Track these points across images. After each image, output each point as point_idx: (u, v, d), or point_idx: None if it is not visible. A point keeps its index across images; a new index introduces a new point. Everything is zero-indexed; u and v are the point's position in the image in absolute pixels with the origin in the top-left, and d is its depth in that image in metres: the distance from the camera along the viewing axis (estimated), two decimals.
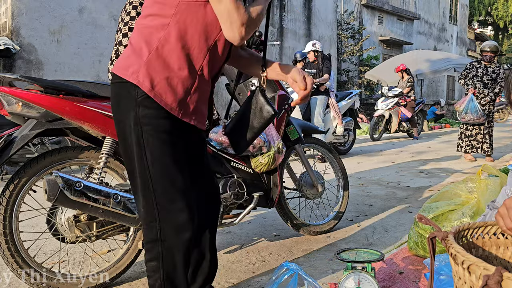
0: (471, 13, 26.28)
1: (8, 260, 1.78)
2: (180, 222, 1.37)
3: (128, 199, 1.85)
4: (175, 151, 1.35)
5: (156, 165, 1.33)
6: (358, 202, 3.66)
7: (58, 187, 1.70)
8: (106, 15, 8.56)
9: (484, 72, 5.89)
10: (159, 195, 1.34)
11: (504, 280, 0.75)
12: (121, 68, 1.33)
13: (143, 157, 1.32)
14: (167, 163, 1.34)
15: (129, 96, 1.30)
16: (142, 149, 1.32)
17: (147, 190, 1.35)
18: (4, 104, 1.78)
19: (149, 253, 1.40)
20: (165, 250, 1.37)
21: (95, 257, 2.31)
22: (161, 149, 1.32)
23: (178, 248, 1.38)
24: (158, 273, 1.38)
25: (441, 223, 2.16)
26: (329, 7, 14.02)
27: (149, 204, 1.36)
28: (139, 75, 1.28)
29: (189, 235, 1.38)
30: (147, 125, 1.30)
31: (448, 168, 5.48)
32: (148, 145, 1.31)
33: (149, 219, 1.37)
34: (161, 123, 1.31)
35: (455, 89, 21.19)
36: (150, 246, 1.39)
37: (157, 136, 1.31)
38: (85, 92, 1.85)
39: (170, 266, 1.38)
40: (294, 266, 1.57)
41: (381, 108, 9.41)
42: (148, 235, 1.39)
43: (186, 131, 1.37)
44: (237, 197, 2.24)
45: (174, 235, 1.37)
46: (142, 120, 1.29)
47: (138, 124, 1.30)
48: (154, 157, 1.32)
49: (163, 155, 1.33)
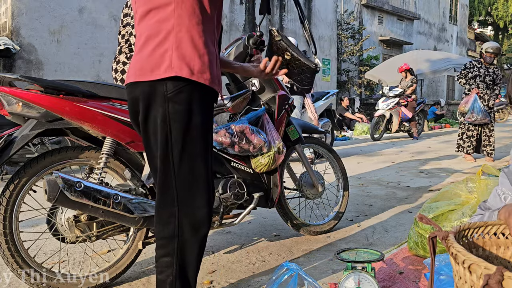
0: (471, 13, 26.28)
1: (8, 260, 1.78)
2: (199, 218, 1.39)
3: (128, 200, 1.85)
4: (205, 145, 1.38)
5: (184, 162, 1.34)
6: (358, 202, 3.66)
7: (58, 188, 1.70)
8: (106, 15, 8.55)
9: (486, 73, 5.87)
10: (182, 191, 1.36)
11: (505, 279, 0.75)
12: (148, 71, 1.32)
13: (169, 154, 1.33)
14: (196, 159, 1.36)
15: (157, 94, 1.30)
16: (168, 146, 1.33)
17: (168, 187, 1.36)
18: (4, 104, 1.78)
19: (162, 249, 1.40)
20: (181, 246, 1.38)
21: (95, 257, 2.31)
22: (190, 146, 1.34)
23: (194, 245, 1.40)
24: (171, 269, 1.38)
25: (441, 223, 2.16)
26: (329, 7, 14.02)
27: (168, 200, 1.37)
28: (174, 67, 1.28)
29: (205, 231, 1.41)
30: (176, 121, 1.31)
31: (448, 168, 5.48)
32: (177, 141, 1.32)
33: (167, 215, 1.38)
34: (193, 117, 1.33)
35: (455, 89, 21.18)
36: (164, 242, 1.39)
37: (187, 132, 1.33)
38: (85, 92, 1.84)
39: (184, 262, 1.39)
40: (294, 266, 1.57)
41: (382, 108, 9.42)
42: (163, 231, 1.39)
43: (211, 112, 1.42)
44: (237, 197, 2.24)
45: (191, 232, 1.38)
46: (171, 116, 1.31)
47: (166, 121, 1.31)
48: (182, 154, 1.34)
49: (193, 152, 1.35)
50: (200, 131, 1.36)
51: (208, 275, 2.13)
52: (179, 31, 1.29)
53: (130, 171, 1.99)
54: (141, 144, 1.92)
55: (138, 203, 1.87)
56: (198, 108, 1.34)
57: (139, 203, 1.87)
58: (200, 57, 1.31)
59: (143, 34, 1.36)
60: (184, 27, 1.29)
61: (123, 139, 1.88)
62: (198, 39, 1.31)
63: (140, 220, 1.87)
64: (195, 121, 1.34)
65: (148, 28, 1.34)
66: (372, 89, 15.57)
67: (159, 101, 1.30)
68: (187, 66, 1.29)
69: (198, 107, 1.34)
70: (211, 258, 2.37)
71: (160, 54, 1.30)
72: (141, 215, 1.85)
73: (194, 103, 1.33)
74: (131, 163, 2.02)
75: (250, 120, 2.41)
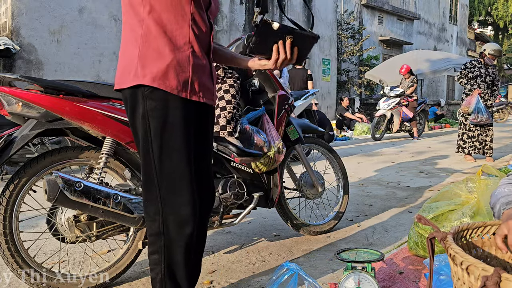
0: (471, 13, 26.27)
1: (8, 260, 1.78)
2: (183, 217, 1.38)
3: (128, 199, 1.85)
4: (185, 142, 1.36)
5: (164, 159, 1.34)
6: (358, 202, 3.66)
7: (58, 187, 1.70)
8: (106, 15, 8.56)
9: (486, 73, 5.87)
10: (164, 188, 1.36)
11: (502, 281, 0.75)
12: (121, 80, 1.37)
13: (150, 150, 1.34)
14: (176, 156, 1.35)
15: (136, 95, 1.33)
16: (148, 143, 1.33)
17: (151, 184, 1.36)
18: (4, 104, 1.78)
19: (152, 246, 1.41)
20: (167, 244, 1.38)
21: (95, 257, 2.31)
22: (169, 142, 1.33)
23: (180, 243, 1.39)
24: (160, 266, 1.39)
25: (441, 223, 2.16)
26: (329, 7, 14.02)
27: (152, 197, 1.37)
28: (138, 75, 1.30)
29: (190, 230, 1.39)
30: (154, 118, 1.32)
31: (448, 168, 5.48)
32: (156, 138, 1.33)
33: (152, 211, 1.38)
34: (169, 114, 1.32)
35: (455, 89, 21.18)
36: (153, 239, 1.40)
37: (165, 128, 1.32)
38: (85, 92, 1.84)
39: (171, 260, 1.39)
40: (294, 266, 1.57)
41: (383, 108, 9.42)
42: (151, 228, 1.40)
43: (194, 113, 1.39)
44: (237, 197, 2.24)
45: (176, 229, 1.38)
46: (149, 113, 1.31)
47: (145, 118, 1.32)
48: (161, 151, 1.33)
49: (172, 149, 1.34)
50: (179, 128, 1.34)
51: (208, 275, 2.13)
52: (145, 41, 1.32)
53: (130, 171, 1.99)
54: None
55: (138, 203, 1.87)
56: (175, 104, 1.33)
57: (139, 203, 1.87)
58: (165, 64, 1.31)
59: (122, 45, 1.40)
60: (153, 35, 1.31)
61: (123, 139, 1.88)
62: (164, 48, 1.32)
63: (140, 220, 1.87)
64: (173, 117, 1.33)
65: (124, 38, 1.38)
66: (372, 89, 15.57)
67: (140, 99, 1.33)
68: (150, 74, 1.30)
69: (175, 103, 1.33)
70: (211, 258, 2.37)
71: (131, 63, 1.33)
72: (140, 215, 1.85)
73: (171, 100, 1.33)
74: (131, 163, 2.02)
75: (250, 120, 2.42)
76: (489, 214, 2.02)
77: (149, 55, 1.31)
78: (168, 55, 1.31)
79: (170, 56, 1.31)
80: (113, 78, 2.90)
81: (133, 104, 1.35)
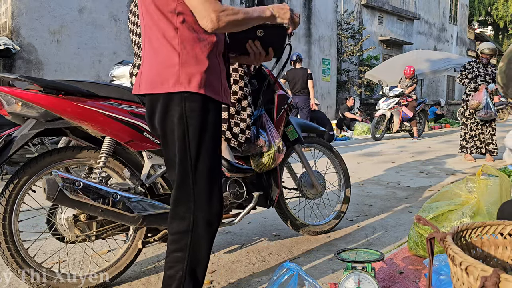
0: (471, 13, 26.27)
1: (8, 260, 1.78)
2: (213, 213, 1.44)
3: (128, 199, 1.85)
4: (218, 142, 1.45)
5: (201, 158, 1.40)
6: (358, 202, 3.66)
7: (57, 186, 1.70)
8: (106, 15, 8.56)
9: (485, 72, 5.89)
10: (198, 186, 1.41)
11: (501, 281, 0.75)
12: (155, 85, 1.40)
13: (187, 150, 1.39)
14: (212, 155, 1.43)
15: (173, 98, 1.38)
16: (186, 143, 1.39)
17: (186, 183, 1.41)
18: (4, 104, 1.78)
19: (175, 244, 1.43)
20: (194, 241, 1.42)
21: (95, 257, 2.31)
22: (206, 143, 1.40)
23: (205, 240, 1.44)
24: (182, 264, 1.41)
25: (441, 223, 2.16)
26: (329, 7, 14.02)
27: (185, 195, 1.42)
28: (182, 82, 1.36)
29: (216, 226, 1.47)
30: (193, 119, 1.37)
31: (448, 168, 5.48)
32: (194, 138, 1.39)
33: (183, 210, 1.42)
34: (207, 116, 1.40)
35: (455, 89, 21.18)
36: (177, 237, 1.42)
37: (203, 129, 1.39)
38: (84, 92, 1.84)
39: (195, 257, 1.42)
40: (294, 266, 1.57)
41: (382, 108, 9.42)
42: (178, 226, 1.42)
43: (221, 115, 1.49)
44: (236, 196, 2.24)
45: (205, 227, 1.43)
46: (188, 115, 1.37)
47: (183, 119, 1.37)
48: (199, 150, 1.40)
49: (208, 148, 1.41)
50: (214, 128, 1.43)
51: (208, 275, 2.13)
52: (183, 48, 1.37)
53: (129, 170, 1.99)
54: (140, 143, 1.92)
55: (138, 202, 1.87)
56: (212, 107, 1.41)
57: (138, 202, 1.87)
58: (204, 70, 1.38)
59: (149, 43, 1.43)
60: (191, 42, 1.37)
61: (122, 139, 1.88)
62: (201, 54, 1.38)
63: (140, 219, 1.87)
64: (210, 119, 1.41)
65: (151, 40, 1.42)
66: (372, 89, 15.56)
67: (176, 101, 1.37)
68: (195, 81, 1.37)
69: (212, 106, 1.41)
70: (211, 258, 2.37)
71: (169, 68, 1.37)
72: (140, 214, 1.85)
73: (209, 103, 1.40)
74: (130, 163, 2.02)
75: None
76: (489, 214, 2.02)
77: (190, 61, 1.37)
78: (205, 61, 1.39)
79: (206, 62, 1.39)
80: None
81: (168, 107, 1.39)
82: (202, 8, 1.31)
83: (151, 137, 1.92)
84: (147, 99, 1.47)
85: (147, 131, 1.90)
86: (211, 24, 1.31)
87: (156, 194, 2.04)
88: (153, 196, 2.02)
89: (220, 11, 1.31)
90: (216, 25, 1.32)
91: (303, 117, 7.75)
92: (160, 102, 1.41)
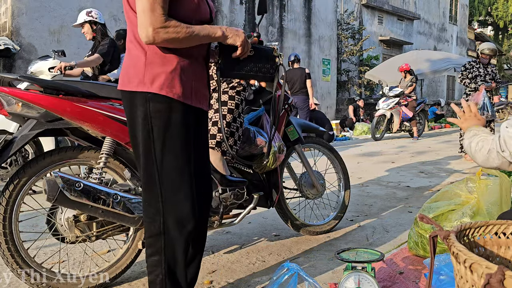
0: (471, 13, 26.27)
1: (8, 260, 1.78)
2: (183, 214, 1.41)
3: (128, 199, 1.85)
4: (185, 143, 1.41)
5: (166, 157, 1.38)
6: (358, 202, 3.66)
7: (57, 187, 1.70)
8: (106, 15, 8.53)
9: (485, 72, 5.90)
10: (165, 187, 1.39)
11: (506, 278, 0.75)
12: (123, 81, 1.41)
13: (152, 150, 1.37)
14: (177, 154, 1.39)
15: (137, 97, 1.36)
16: (150, 142, 1.37)
17: (152, 184, 1.39)
18: (4, 104, 1.78)
19: (150, 247, 1.42)
20: (167, 243, 1.40)
21: (95, 257, 2.31)
22: (170, 141, 1.38)
23: (180, 241, 1.41)
24: (160, 268, 1.40)
25: (441, 223, 2.15)
26: (329, 7, 14.02)
27: (153, 197, 1.40)
28: (145, 83, 1.34)
29: (191, 227, 1.42)
30: (157, 119, 1.36)
31: (448, 168, 5.48)
32: (158, 138, 1.37)
33: (153, 212, 1.41)
34: (171, 116, 1.37)
35: (455, 89, 21.18)
36: (152, 240, 1.41)
37: (167, 129, 1.37)
38: (84, 92, 1.84)
39: (172, 260, 1.41)
40: (294, 266, 1.57)
41: (382, 108, 9.41)
42: (150, 229, 1.41)
43: (194, 118, 1.44)
44: (237, 197, 2.24)
45: (176, 228, 1.40)
46: (152, 115, 1.35)
47: (147, 119, 1.36)
48: (163, 150, 1.37)
49: (173, 147, 1.38)
50: (180, 130, 1.39)
51: (208, 275, 2.13)
52: (151, 47, 1.35)
53: (129, 171, 1.99)
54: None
55: (138, 202, 1.87)
56: (177, 109, 1.38)
57: (138, 202, 1.87)
58: (171, 71, 1.36)
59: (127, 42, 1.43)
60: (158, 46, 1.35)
61: (123, 139, 1.88)
62: (170, 55, 1.36)
63: (140, 220, 1.86)
64: (176, 120, 1.38)
65: (128, 35, 1.42)
66: (372, 89, 15.56)
67: (140, 101, 1.36)
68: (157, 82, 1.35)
69: (178, 108, 1.38)
70: (211, 258, 2.37)
71: (135, 67, 1.38)
72: (140, 214, 1.85)
73: (174, 104, 1.38)
74: (131, 163, 2.02)
75: (250, 120, 2.42)
76: (489, 214, 2.02)
77: (156, 61, 1.35)
78: (173, 62, 1.36)
79: (174, 63, 1.36)
80: None
81: (134, 105, 1.38)
82: (143, 19, 1.27)
83: None
84: (121, 95, 1.47)
85: None
86: (146, 38, 1.28)
87: None
88: None
89: (158, 27, 1.26)
90: (151, 40, 1.28)
91: (302, 117, 7.74)
92: (126, 99, 1.41)
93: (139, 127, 1.38)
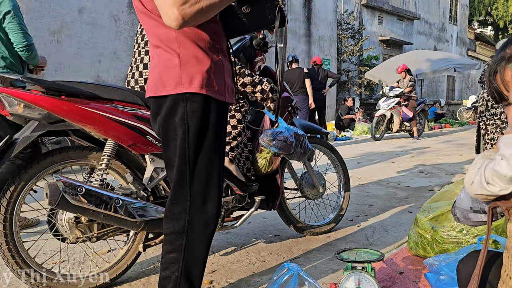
0: (471, 13, 26.26)
1: (8, 260, 1.78)
2: (209, 214, 1.43)
3: (130, 204, 1.84)
4: (219, 142, 1.44)
5: (200, 158, 1.40)
6: (358, 202, 3.67)
7: (59, 192, 1.68)
8: (106, 15, 8.56)
9: None
10: (195, 187, 1.41)
11: None
12: (157, 87, 1.40)
13: (186, 150, 1.38)
14: (209, 154, 1.41)
15: (177, 100, 1.37)
16: (186, 143, 1.38)
17: (183, 182, 1.40)
18: (6, 105, 1.76)
19: (170, 244, 1.42)
20: (189, 242, 1.41)
21: (96, 257, 2.31)
22: (206, 142, 1.40)
23: (202, 241, 1.43)
24: (177, 265, 1.40)
25: (441, 223, 2.16)
26: (329, 7, 14.02)
27: (182, 195, 1.41)
28: (183, 83, 1.35)
29: (213, 228, 1.45)
30: (193, 119, 1.37)
31: (448, 168, 5.48)
32: (193, 138, 1.38)
33: (179, 210, 1.41)
34: (207, 115, 1.39)
35: (455, 89, 21.19)
36: (173, 237, 1.42)
37: (203, 129, 1.39)
38: (87, 94, 1.82)
39: (191, 259, 1.42)
40: (294, 267, 1.57)
41: (382, 108, 9.42)
42: (173, 226, 1.42)
43: (226, 113, 1.48)
44: (238, 201, 2.24)
45: (200, 228, 1.42)
46: (189, 115, 1.37)
47: (184, 119, 1.37)
48: (197, 149, 1.39)
49: (207, 147, 1.41)
50: (216, 128, 1.42)
51: (208, 275, 2.14)
52: (183, 48, 1.36)
53: (131, 174, 1.98)
54: (143, 146, 1.90)
55: (140, 207, 1.86)
56: (214, 106, 1.40)
57: (140, 207, 1.86)
58: (206, 70, 1.37)
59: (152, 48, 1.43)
60: (188, 44, 1.36)
61: (125, 142, 1.86)
62: (201, 54, 1.37)
63: (141, 224, 1.86)
64: (212, 119, 1.40)
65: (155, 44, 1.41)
66: (372, 89, 15.56)
67: (179, 102, 1.37)
68: (196, 81, 1.36)
69: (214, 106, 1.40)
70: (211, 258, 2.38)
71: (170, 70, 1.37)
72: (142, 219, 1.84)
73: (211, 103, 1.39)
74: (133, 166, 2.01)
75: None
76: None
77: (190, 62, 1.36)
78: (207, 60, 1.37)
79: (208, 62, 1.37)
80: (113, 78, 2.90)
81: (173, 108, 1.38)
82: (164, 5, 1.23)
83: (154, 141, 1.90)
84: (152, 101, 1.46)
85: (150, 135, 1.88)
86: (176, 21, 1.22)
87: (158, 197, 2.03)
88: (155, 200, 2.01)
89: (180, 4, 1.21)
90: (181, 20, 1.22)
91: (302, 117, 7.74)
92: (164, 104, 1.40)
93: (176, 126, 1.38)
